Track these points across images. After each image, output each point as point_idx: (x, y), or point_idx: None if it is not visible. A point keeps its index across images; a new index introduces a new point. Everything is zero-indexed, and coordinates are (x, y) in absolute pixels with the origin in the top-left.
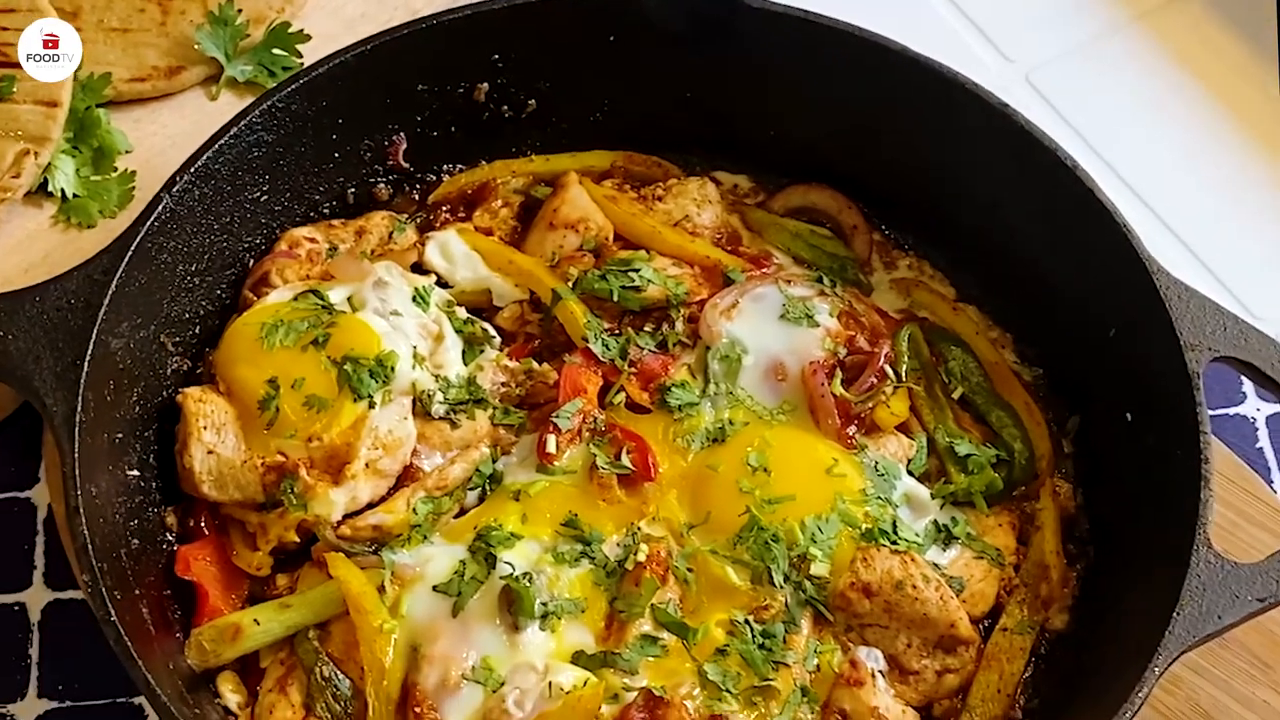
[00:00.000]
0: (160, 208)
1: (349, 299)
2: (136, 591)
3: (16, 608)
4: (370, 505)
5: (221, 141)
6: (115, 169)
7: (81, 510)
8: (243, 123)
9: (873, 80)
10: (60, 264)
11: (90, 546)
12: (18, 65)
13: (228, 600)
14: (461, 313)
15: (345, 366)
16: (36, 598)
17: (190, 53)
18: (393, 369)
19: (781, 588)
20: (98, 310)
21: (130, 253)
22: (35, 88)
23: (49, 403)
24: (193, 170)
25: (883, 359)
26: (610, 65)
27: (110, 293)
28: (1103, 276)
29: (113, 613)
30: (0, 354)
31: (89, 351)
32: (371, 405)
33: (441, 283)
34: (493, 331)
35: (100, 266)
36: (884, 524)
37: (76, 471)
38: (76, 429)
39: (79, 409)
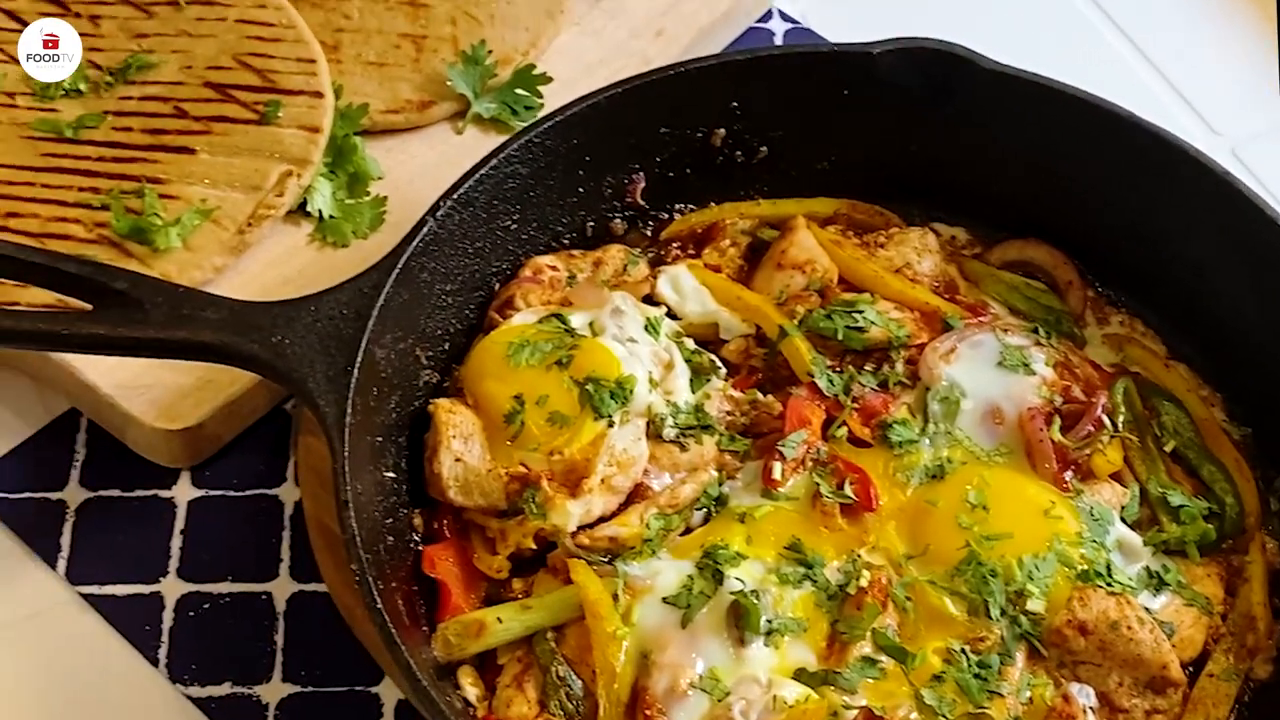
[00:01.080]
0: (425, 230)
1: (589, 324)
2: (393, 584)
3: (264, 596)
4: (602, 519)
5: (482, 171)
6: (368, 193)
7: (351, 505)
8: (502, 154)
9: (1094, 142)
10: (315, 279)
11: (358, 539)
12: (285, 92)
13: (468, 600)
14: (690, 343)
15: (587, 386)
16: (282, 588)
17: (441, 88)
18: (631, 391)
19: (998, 621)
20: (366, 321)
21: (397, 270)
22: (299, 113)
23: (322, 405)
24: (455, 197)
25: (1100, 408)
26: (841, 117)
27: (378, 306)
28: None
29: (378, 600)
30: (279, 357)
31: (358, 359)
32: (611, 424)
33: (671, 314)
34: (719, 363)
35: (369, 281)
36: (1099, 566)
37: (346, 469)
38: (346, 430)
39: (349, 412)
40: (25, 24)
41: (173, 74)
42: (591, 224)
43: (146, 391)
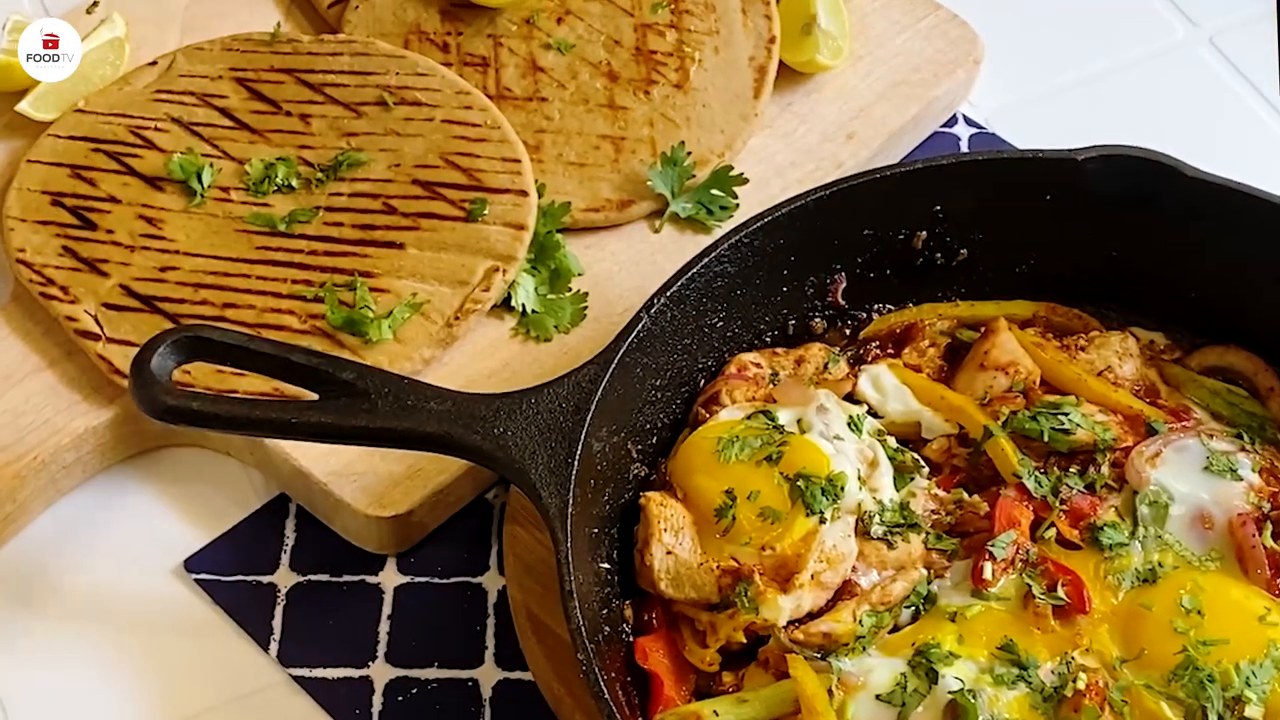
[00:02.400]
0: (640, 326)
1: (796, 421)
2: (611, 674)
3: (470, 683)
4: (810, 615)
5: (694, 270)
6: (569, 289)
7: (575, 595)
8: (713, 254)
9: None
10: (518, 372)
11: (583, 629)
12: (490, 190)
13: (679, 691)
14: (892, 442)
15: (799, 483)
16: (488, 675)
17: (639, 188)
18: (842, 488)
19: None
20: (586, 414)
21: (614, 364)
22: (505, 211)
23: (544, 495)
24: (669, 294)
25: None
26: (1042, 222)
27: (596, 399)
28: None
29: (605, 691)
30: (501, 448)
31: (578, 451)
32: (822, 521)
33: (872, 413)
34: (922, 461)
35: (588, 375)
36: None
37: (570, 559)
38: (569, 520)
39: (570, 503)
40: (239, 122)
41: (382, 171)
42: (793, 322)
43: (358, 479)
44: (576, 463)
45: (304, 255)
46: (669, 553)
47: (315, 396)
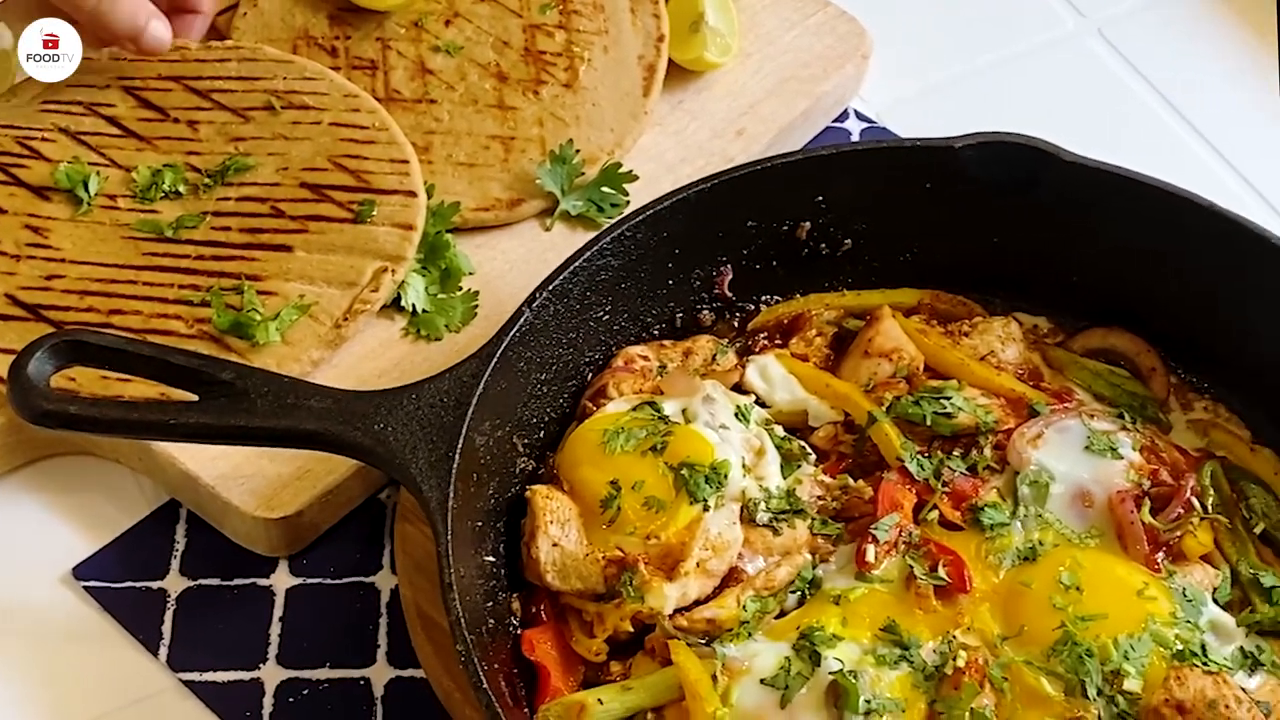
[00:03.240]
0: (522, 320)
1: (682, 412)
2: (495, 666)
3: (362, 682)
4: (697, 602)
5: (576, 264)
6: (460, 288)
7: (455, 588)
8: (595, 247)
9: (1173, 230)
10: (409, 371)
11: (463, 620)
12: (379, 191)
13: (566, 682)
14: (779, 430)
15: (682, 472)
16: (380, 674)
17: (529, 187)
18: (726, 476)
19: (1094, 700)
20: (467, 409)
21: (495, 359)
22: (393, 212)
23: (424, 489)
24: (550, 288)
25: (1189, 491)
26: (924, 210)
27: (478, 394)
28: None
29: (484, 681)
30: (382, 443)
31: (459, 445)
32: (706, 509)
33: (760, 402)
34: (809, 449)
35: (469, 370)
36: (1194, 646)
37: (450, 552)
38: (449, 514)
39: (451, 496)
40: (126, 130)
41: (269, 175)
42: (680, 315)
43: (246, 481)
44: (458, 457)
45: (191, 260)
46: (555, 545)
47: (196, 398)
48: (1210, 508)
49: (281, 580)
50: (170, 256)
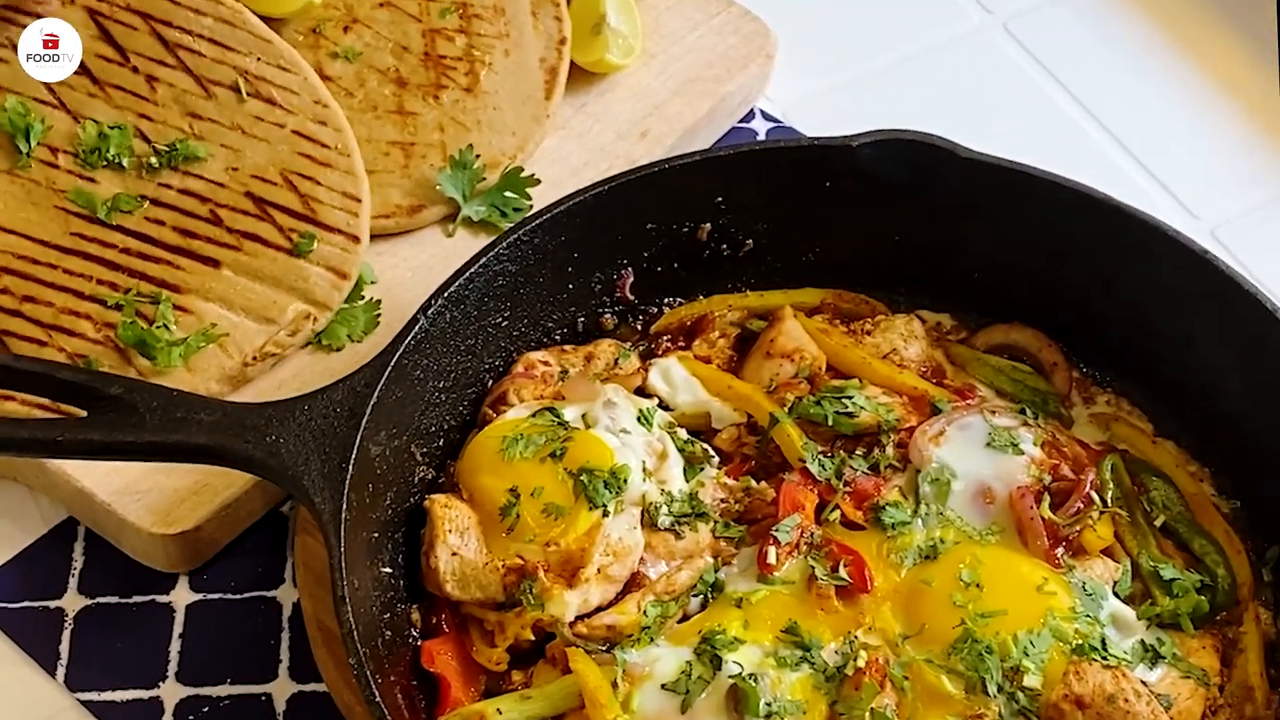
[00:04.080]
0: (416, 328)
1: (582, 417)
2: (391, 678)
3: (264, 698)
4: (599, 608)
5: (472, 270)
6: (362, 297)
7: (348, 600)
8: (491, 253)
9: (1073, 225)
10: (310, 382)
11: (355, 633)
12: (322, 226)
13: (467, 693)
14: (682, 433)
15: (581, 477)
16: (282, 689)
17: (430, 193)
18: (625, 481)
19: (995, 698)
20: (360, 419)
21: (390, 368)
22: (331, 254)
23: (317, 501)
24: (446, 295)
25: (1089, 485)
26: (824, 210)
27: (372, 403)
28: None
29: (377, 694)
30: (273, 456)
31: (353, 456)
32: (605, 514)
33: (663, 405)
34: (712, 451)
35: (363, 379)
36: (1094, 640)
37: (343, 564)
38: (342, 526)
39: (344, 508)
40: (82, 66)
41: (217, 172)
42: (582, 319)
43: (143, 497)
44: (351, 467)
45: (116, 252)
46: (454, 554)
47: (84, 413)
48: (1110, 501)
49: (181, 596)
50: (97, 243)
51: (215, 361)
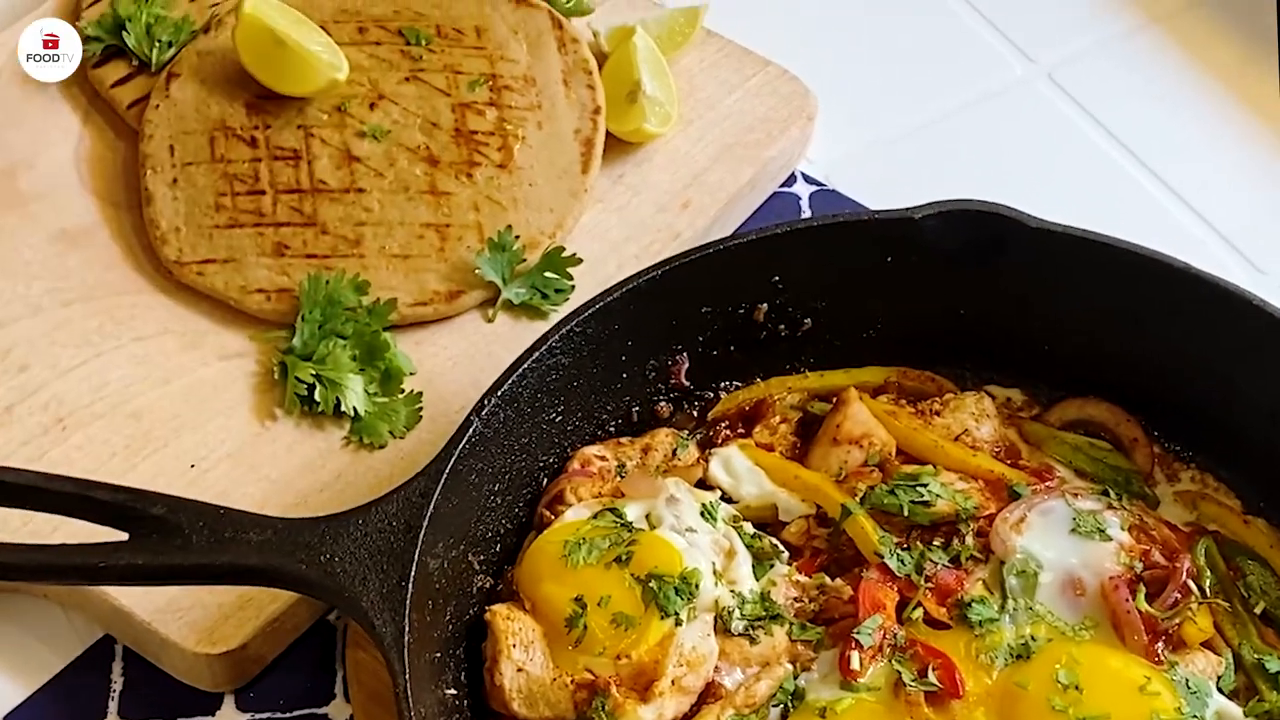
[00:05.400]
0: (471, 430)
1: (646, 517)
2: None
3: None
4: None
5: (525, 365)
6: (402, 390)
7: None
8: (544, 347)
9: (1145, 292)
10: (353, 483)
11: None
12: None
13: None
14: (748, 528)
15: (651, 584)
16: None
17: (469, 277)
18: (697, 586)
19: None
20: (418, 532)
21: (445, 475)
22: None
23: (377, 624)
24: (499, 394)
25: (1185, 573)
26: (886, 285)
27: (429, 514)
28: None
29: None
30: (329, 576)
31: (412, 573)
32: (678, 623)
33: (726, 498)
34: (781, 546)
35: (418, 489)
36: None
37: (409, 691)
38: (405, 650)
39: (406, 630)
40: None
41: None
42: (637, 409)
43: (185, 614)
44: (411, 585)
45: None
46: (520, 670)
47: (125, 536)
48: (1208, 589)
49: (228, 716)
50: None
51: None
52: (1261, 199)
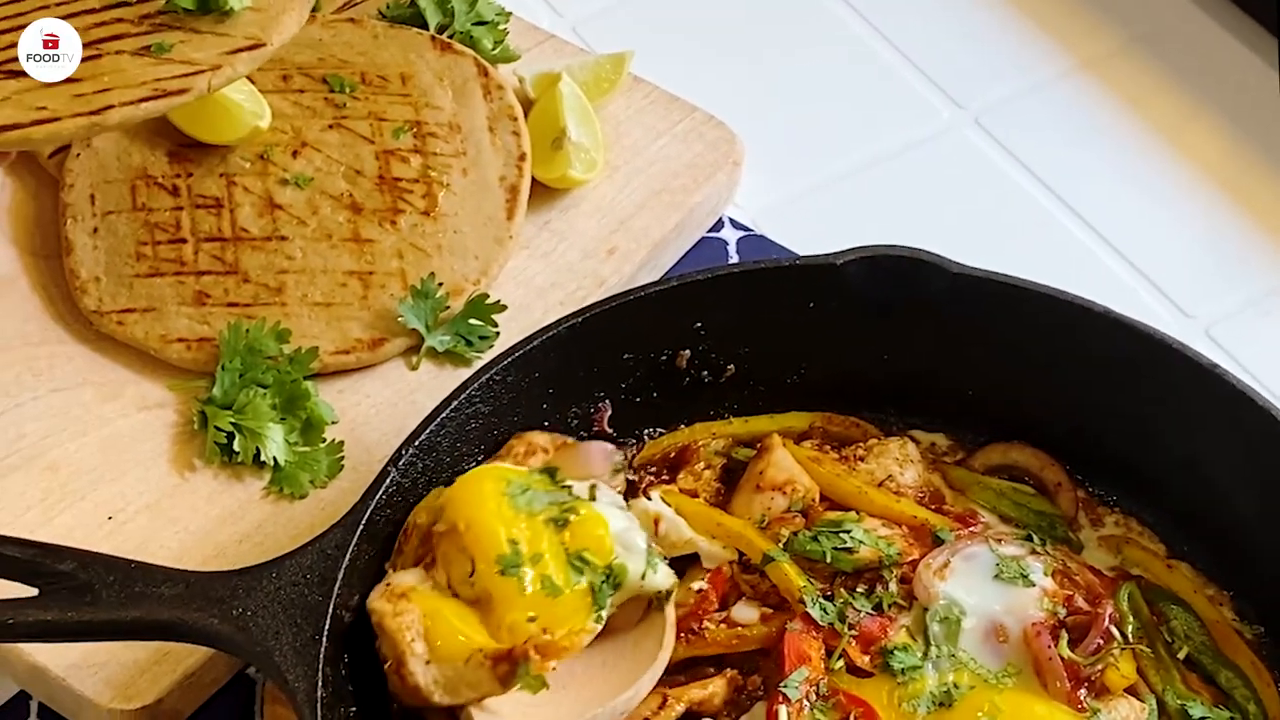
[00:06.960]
0: (387, 481)
1: (590, 487)
2: None
3: None
4: None
5: (443, 415)
6: (323, 439)
7: None
8: (462, 396)
9: (1069, 338)
10: (273, 534)
11: None
12: None
13: None
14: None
15: (577, 564)
16: None
17: (392, 325)
18: (620, 583)
19: None
20: (332, 585)
21: (361, 526)
22: None
23: (290, 679)
24: (416, 444)
25: (1107, 619)
26: (809, 330)
27: (344, 566)
28: None
29: None
30: (242, 631)
31: (326, 625)
32: (599, 620)
33: None
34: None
35: (333, 541)
36: None
37: None
38: (319, 705)
39: (319, 685)
40: None
41: None
42: None
43: (100, 670)
44: (325, 639)
45: None
46: (428, 662)
47: (35, 591)
48: (1131, 635)
49: None
50: None
51: None
52: (1190, 242)
